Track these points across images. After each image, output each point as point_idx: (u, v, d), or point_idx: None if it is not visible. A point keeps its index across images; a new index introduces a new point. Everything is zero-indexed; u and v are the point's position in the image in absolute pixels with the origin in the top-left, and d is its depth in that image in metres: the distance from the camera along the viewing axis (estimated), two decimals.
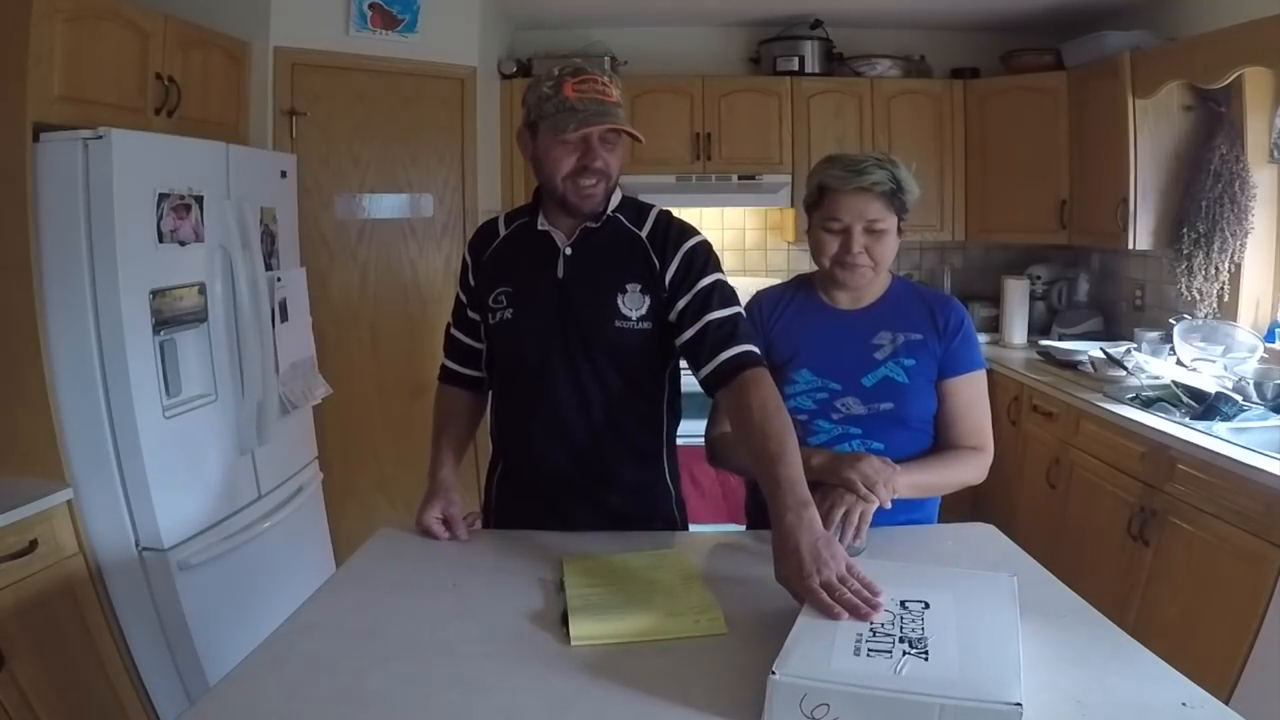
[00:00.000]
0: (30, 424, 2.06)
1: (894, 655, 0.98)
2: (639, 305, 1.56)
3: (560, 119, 1.46)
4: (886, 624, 1.05)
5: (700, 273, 1.55)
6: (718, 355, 1.48)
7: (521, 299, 1.58)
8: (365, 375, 3.28)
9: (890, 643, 1.01)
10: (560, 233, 1.59)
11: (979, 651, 1.00)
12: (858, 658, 0.98)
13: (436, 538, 1.51)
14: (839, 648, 1.00)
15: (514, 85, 3.82)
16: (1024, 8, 3.76)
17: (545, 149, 1.51)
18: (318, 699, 1.03)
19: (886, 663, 0.97)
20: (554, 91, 1.47)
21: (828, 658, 0.98)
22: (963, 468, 1.59)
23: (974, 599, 1.13)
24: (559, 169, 1.50)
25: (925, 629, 1.04)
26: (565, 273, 1.57)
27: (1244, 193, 3.00)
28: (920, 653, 0.99)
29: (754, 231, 4.32)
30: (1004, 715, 0.89)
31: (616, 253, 1.58)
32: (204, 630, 2.22)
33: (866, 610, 1.07)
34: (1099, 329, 3.79)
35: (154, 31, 2.37)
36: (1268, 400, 2.57)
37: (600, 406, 1.58)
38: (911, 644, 1.01)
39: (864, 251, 1.56)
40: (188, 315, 2.27)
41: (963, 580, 1.20)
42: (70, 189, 2.01)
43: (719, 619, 1.20)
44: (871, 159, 1.56)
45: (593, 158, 1.49)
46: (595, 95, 1.46)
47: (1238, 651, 2.08)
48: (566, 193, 1.52)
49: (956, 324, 1.62)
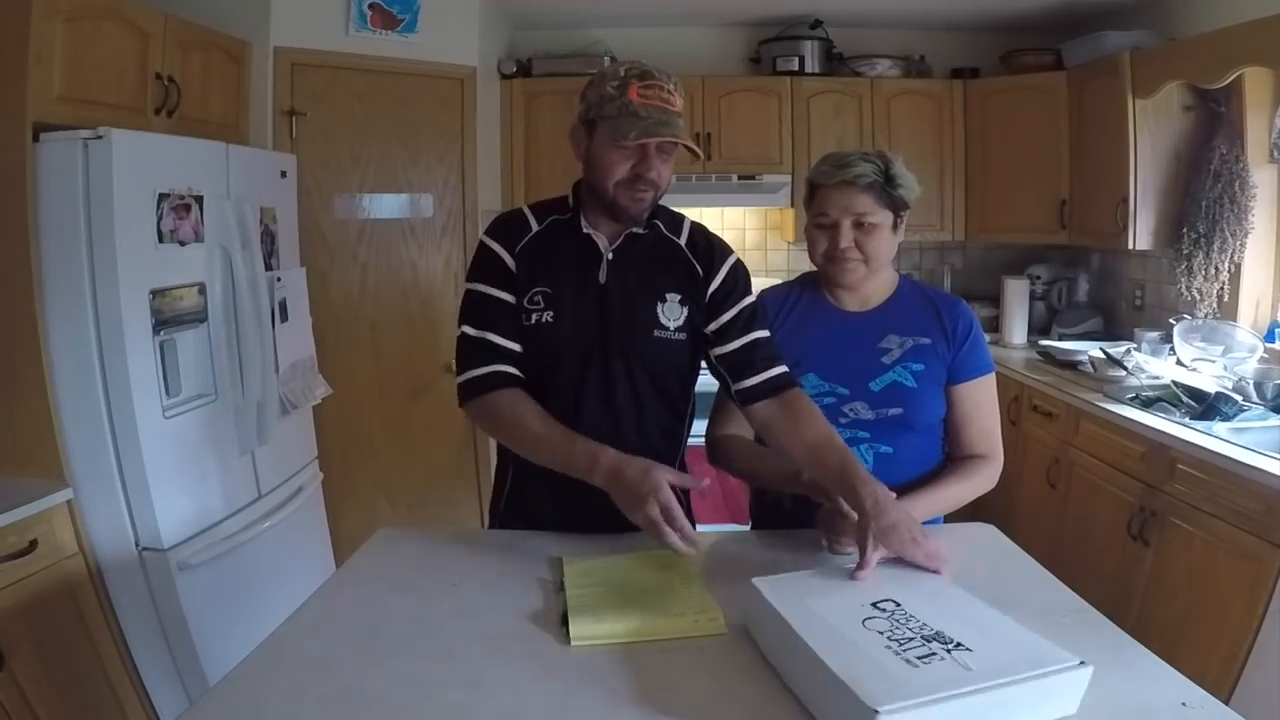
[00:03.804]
0: (30, 424, 2.06)
1: (939, 655, 0.98)
2: (677, 315, 1.54)
3: (621, 123, 1.41)
4: (898, 629, 1.05)
5: (744, 291, 1.58)
6: (766, 371, 1.52)
7: (563, 302, 1.51)
8: (365, 375, 3.28)
9: (922, 644, 1.01)
10: (603, 236, 1.54)
11: (992, 630, 1.04)
12: (918, 668, 0.95)
13: (673, 531, 1.27)
14: (891, 666, 0.96)
15: (514, 85, 3.82)
16: (1024, 8, 3.76)
17: (601, 151, 1.46)
18: (318, 699, 1.03)
19: (945, 664, 0.96)
20: (618, 93, 1.42)
21: (900, 678, 0.93)
22: (973, 483, 1.58)
23: (915, 583, 1.18)
24: (612, 174, 1.46)
25: (930, 624, 1.05)
26: (608, 278, 1.52)
27: (1244, 193, 3.00)
28: (954, 645, 1.00)
29: (754, 231, 4.33)
30: (1078, 676, 0.96)
31: (658, 261, 1.55)
32: (204, 630, 2.22)
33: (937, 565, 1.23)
34: (1099, 329, 3.79)
35: (154, 31, 2.37)
36: (1268, 400, 2.57)
37: (630, 416, 1.54)
38: (941, 640, 1.01)
39: (853, 246, 1.55)
40: (188, 315, 2.27)
41: (893, 571, 1.24)
42: (70, 189, 2.01)
43: (719, 619, 1.20)
44: (859, 153, 1.56)
45: (648, 167, 1.45)
46: (659, 103, 1.42)
47: (1238, 651, 2.08)
48: (617, 198, 1.47)
49: (965, 329, 1.61)
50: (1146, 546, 2.47)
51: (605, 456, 1.36)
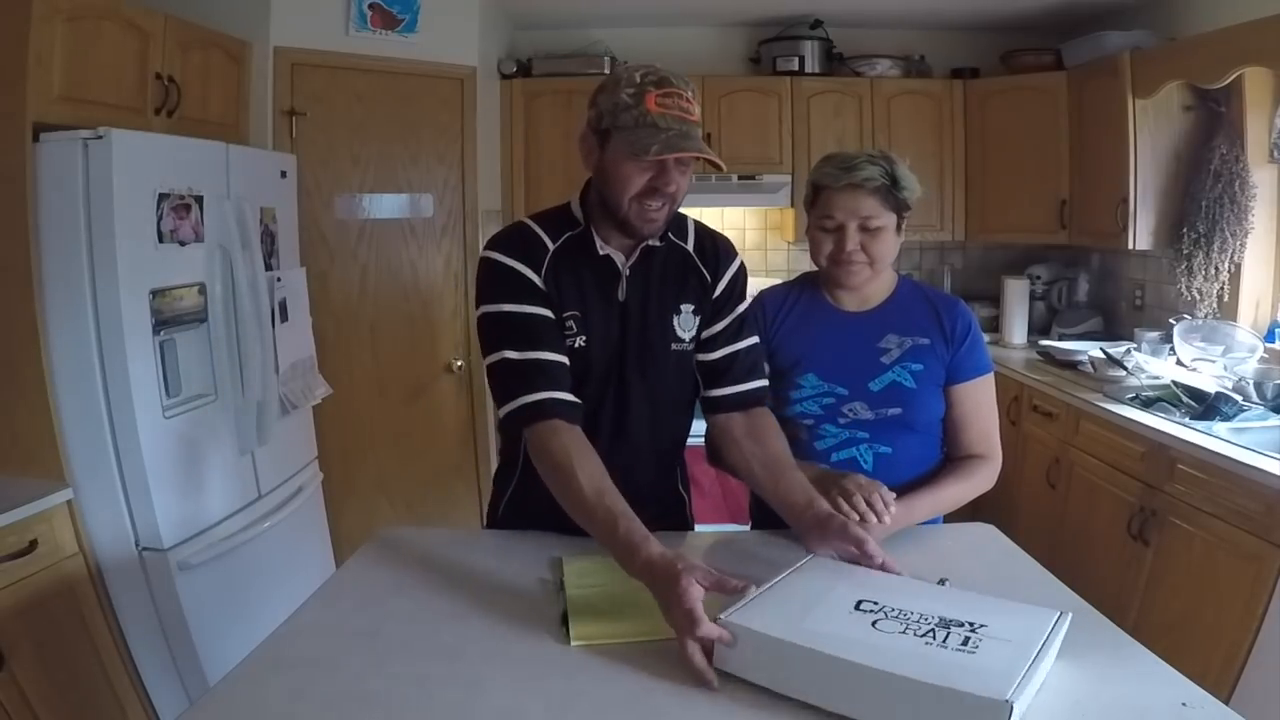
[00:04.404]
0: (30, 424, 2.06)
1: (974, 638, 1.00)
2: (690, 327, 1.52)
3: (640, 135, 1.31)
4: (911, 624, 1.04)
5: (740, 298, 1.57)
6: (743, 383, 1.52)
7: (592, 325, 1.45)
8: (365, 375, 3.28)
9: (948, 631, 1.02)
10: (619, 254, 1.47)
11: (980, 607, 1.09)
12: (977, 654, 0.96)
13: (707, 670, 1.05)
14: (958, 660, 0.95)
15: (514, 85, 3.82)
16: (1024, 8, 3.76)
17: (615, 164, 1.35)
18: (318, 699, 1.02)
19: (992, 644, 0.98)
20: (634, 101, 1.31)
21: (983, 666, 0.94)
22: (972, 484, 1.59)
23: (868, 578, 1.20)
24: (627, 188, 1.35)
25: (929, 613, 1.06)
26: (626, 295, 1.47)
27: (1244, 193, 3.00)
28: (974, 625, 1.03)
29: (754, 231, 4.33)
30: (1059, 622, 1.06)
31: (671, 272, 1.51)
32: (204, 630, 2.22)
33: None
34: (1099, 329, 3.79)
35: (154, 31, 2.37)
36: (1268, 400, 2.57)
37: (643, 426, 1.52)
38: (959, 625, 1.03)
39: (859, 249, 1.55)
40: (188, 315, 2.27)
41: (835, 569, 1.25)
42: (70, 189, 2.01)
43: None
44: (864, 155, 1.55)
45: (667, 181, 1.35)
46: (679, 113, 1.32)
47: (1238, 651, 2.08)
48: (630, 214, 1.38)
49: (964, 330, 1.61)
50: (1146, 546, 2.47)
51: (644, 551, 1.18)
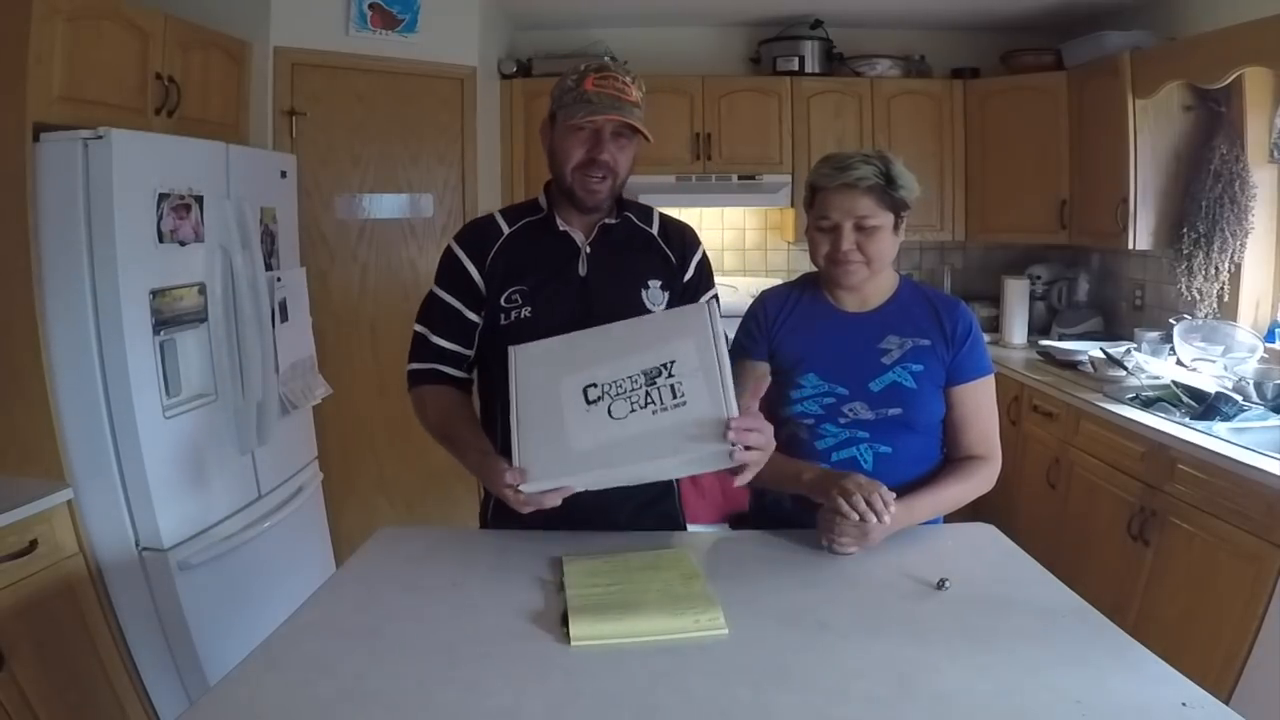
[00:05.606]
0: (30, 424, 2.07)
1: (676, 386, 1.27)
2: (660, 301, 1.59)
3: (574, 109, 1.49)
4: (632, 395, 1.27)
5: (708, 285, 1.66)
6: None
7: (540, 298, 1.55)
8: (365, 375, 3.28)
9: (652, 393, 1.27)
10: (578, 231, 1.60)
11: (648, 333, 1.34)
12: (688, 404, 1.26)
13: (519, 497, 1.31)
14: (671, 418, 1.26)
15: (514, 85, 3.82)
16: (1024, 8, 3.76)
17: (560, 139, 1.54)
18: (318, 699, 1.03)
19: (696, 385, 1.27)
20: (575, 84, 1.50)
21: (690, 418, 1.26)
22: (972, 484, 1.59)
23: (571, 346, 1.38)
24: (569, 160, 1.53)
25: (634, 368, 1.30)
26: (588, 270, 1.58)
27: (1244, 193, 3.00)
28: (666, 369, 1.28)
29: (754, 231, 4.33)
30: (711, 312, 1.35)
31: (635, 250, 1.62)
32: (204, 630, 2.22)
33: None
34: (1099, 329, 3.79)
35: (154, 31, 2.38)
36: (1268, 400, 2.57)
37: None
38: (659, 373, 1.28)
39: (855, 248, 1.55)
40: (188, 315, 2.27)
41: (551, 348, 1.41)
42: (70, 189, 2.01)
43: (719, 619, 1.20)
44: (859, 155, 1.55)
45: (600, 150, 1.51)
46: (612, 91, 1.49)
47: (1238, 651, 2.08)
48: (574, 185, 1.54)
49: (965, 331, 1.61)
50: (1146, 546, 2.47)
51: (483, 455, 1.43)
